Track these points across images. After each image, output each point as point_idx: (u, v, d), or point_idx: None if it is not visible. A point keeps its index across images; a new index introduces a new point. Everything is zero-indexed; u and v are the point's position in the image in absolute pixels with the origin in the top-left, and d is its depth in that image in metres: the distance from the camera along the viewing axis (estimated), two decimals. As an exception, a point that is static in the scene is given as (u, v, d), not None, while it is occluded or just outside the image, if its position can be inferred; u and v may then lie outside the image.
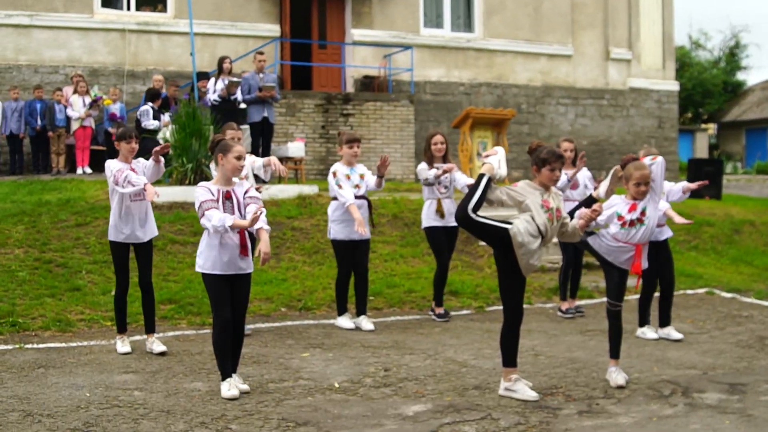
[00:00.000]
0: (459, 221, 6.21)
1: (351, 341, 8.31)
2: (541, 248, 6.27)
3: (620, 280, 6.78)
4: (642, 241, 6.66)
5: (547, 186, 6.31)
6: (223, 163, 6.39)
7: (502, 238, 6.15)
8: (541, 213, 6.19)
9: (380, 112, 19.52)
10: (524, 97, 22.40)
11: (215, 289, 6.44)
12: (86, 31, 19.17)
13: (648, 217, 6.65)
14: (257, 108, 14.13)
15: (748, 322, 9.34)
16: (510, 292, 6.37)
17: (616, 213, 6.69)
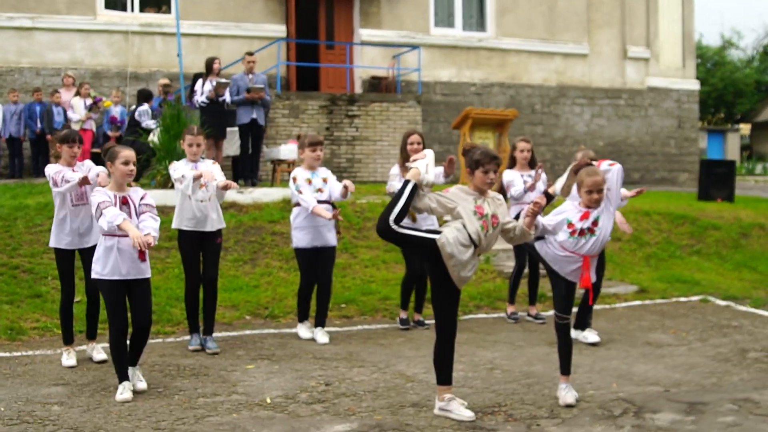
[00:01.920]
0: (380, 233, 5.78)
1: (303, 352, 7.90)
2: (476, 258, 5.82)
3: (567, 292, 6.30)
4: (591, 253, 6.17)
5: (482, 190, 5.86)
6: (113, 171, 6.48)
7: (431, 249, 5.71)
8: (474, 220, 5.74)
9: (386, 113, 19.12)
10: (538, 97, 21.86)
11: (112, 296, 6.42)
12: (89, 33, 19.01)
13: (600, 228, 6.16)
14: (246, 109, 13.78)
15: (735, 333, 8.79)
16: (443, 305, 5.92)
17: (566, 220, 6.21)
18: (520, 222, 5.97)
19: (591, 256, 6.19)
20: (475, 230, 5.72)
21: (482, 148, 5.91)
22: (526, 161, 9.35)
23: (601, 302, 10.38)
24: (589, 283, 6.18)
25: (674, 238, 13.16)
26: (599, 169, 6.17)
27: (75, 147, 7.39)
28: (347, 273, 10.78)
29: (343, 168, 18.55)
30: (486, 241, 5.79)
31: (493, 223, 5.81)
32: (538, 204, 5.86)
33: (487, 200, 5.85)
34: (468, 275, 5.80)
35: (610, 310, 10.13)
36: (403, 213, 5.70)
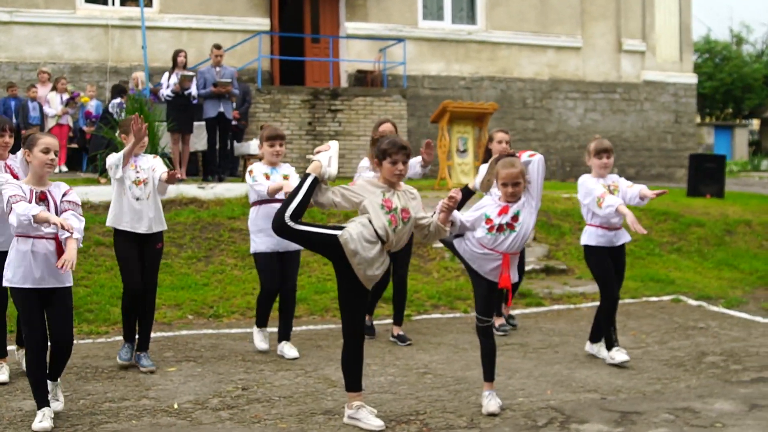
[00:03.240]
0: (276, 231, 5.34)
1: (234, 353, 7.49)
2: (384, 255, 5.38)
3: (488, 292, 5.85)
4: (511, 250, 5.72)
5: (392, 182, 5.42)
6: (30, 159, 5.61)
7: (334, 246, 5.28)
8: (381, 214, 5.31)
9: (370, 107, 18.69)
10: (530, 91, 21.37)
11: (25, 307, 5.57)
12: (68, 27, 18.67)
13: (520, 223, 5.71)
14: (213, 103, 13.37)
15: (699, 335, 8.30)
16: (349, 306, 5.48)
17: (484, 215, 5.75)
18: (435, 217, 5.53)
19: (511, 254, 5.74)
20: (382, 225, 5.28)
21: (391, 137, 5.48)
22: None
23: (566, 302, 9.94)
24: (509, 282, 5.73)
25: (654, 236, 12.66)
26: (517, 161, 5.72)
27: (6, 136, 6.78)
28: (304, 271, 10.33)
29: (326, 164, 18.08)
30: (395, 237, 5.36)
31: (404, 217, 5.37)
32: (452, 198, 5.42)
33: (397, 193, 5.42)
34: (376, 273, 5.37)
35: (574, 310, 9.66)
36: (301, 208, 5.26)
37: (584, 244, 7.11)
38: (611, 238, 6.99)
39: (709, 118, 41.72)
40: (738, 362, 7.20)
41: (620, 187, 7.05)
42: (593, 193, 6.84)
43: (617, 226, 6.97)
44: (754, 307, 9.90)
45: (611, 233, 6.97)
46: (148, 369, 6.87)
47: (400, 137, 5.54)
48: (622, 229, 7.04)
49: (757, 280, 11.36)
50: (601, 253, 6.99)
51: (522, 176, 5.65)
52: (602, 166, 7.01)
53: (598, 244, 6.99)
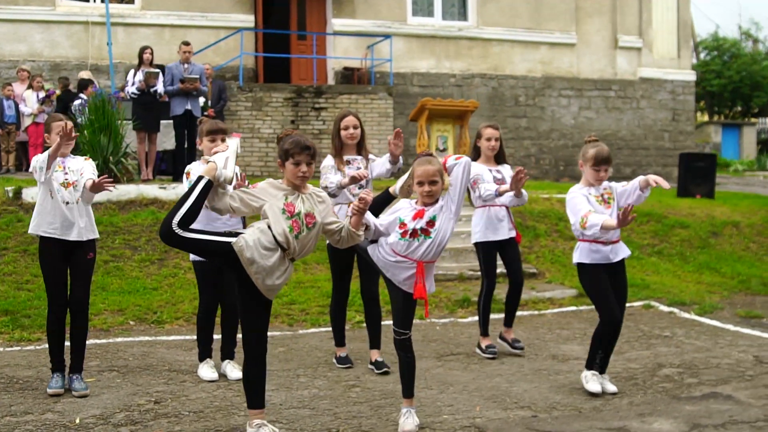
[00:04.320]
0: (163, 239, 4.85)
1: (162, 363, 7.09)
2: (286, 263, 4.95)
3: (405, 304, 5.39)
4: (426, 258, 5.27)
5: (296, 185, 4.98)
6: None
7: (229, 255, 4.85)
8: (282, 220, 4.88)
9: (355, 105, 18.20)
10: (522, 89, 20.87)
11: None
12: (48, 24, 18.31)
13: (437, 229, 5.25)
14: (180, 100, 12.96)
15: (662, 345, 7.83)
16: (251, 319, 5.05)
17: (398, 219, 5.31)
18: (346, 222, 5.10)
19: (426, 262, 5.29)
20: (282, 231, 4.85)
21: (295, 136, 5.02)
22: (493, 153, 7.48)
23: (531, 308, 9.49)
24: (424, 293, 5.28)
25: (635, 238, 12.18)
26: (435, 159, 5.28)
27: None
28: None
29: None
30: (298, 244, 4.92)
31: (308, 223, 4.93)
32: (363, 200, 4.99)
33: (302, 196, 4.98)
34: (277, 283, 4.94)
35: (538, 316, 9.21)
36: (191, 215, 4.81)
37: (577, 262, 6.18)
38: (607, 253, 6.07)
39: (717, 117, 40.99)
40: (694, 375, 6.73)
41: (614, 193, 6.14)
42: (578, 214, 5.95)
43: (613, 239, 6.06)
44: (728, 313, 9.42)
45: (607, 248, 6.06)
46: (80, 393, 6.18)
47: (305, 136, 5.08)
48: (619, 243, 6.15)
49: (738, 284, 10.88)
50: (596, 271, 6.08)
51: (439, 175, 5.22)
52: (598, 178, 6.06)
53: (593, 262, 6.07)
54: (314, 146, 4.99)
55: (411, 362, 5.44)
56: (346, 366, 6.92)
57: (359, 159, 6.97)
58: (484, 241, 7.41)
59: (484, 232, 7.38)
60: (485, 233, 7.38)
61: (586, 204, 5.99)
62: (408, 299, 5.35)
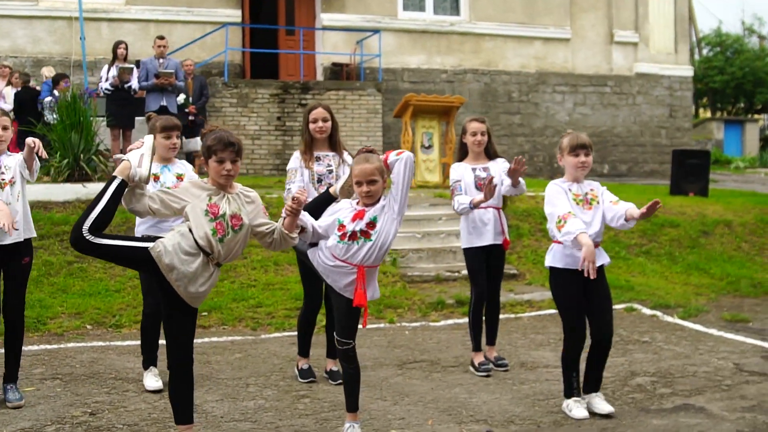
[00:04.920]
0: (73, 246, 4.46)
1: (109, 370, 6.74)
2: (211, 269, 4.58)
3: (348, 312, 5.03)
4: (367, 263, 4.90)
5: (221, 184, 4.62)
6: None
7: (147, 261, 4.48)
8: (204, 222, 4.51)
9: (343, 101, 17.86)
10: (516, 84, 20.47)
11: None
12: (30, 20, 18.00)
13: (377, 231, 4.88)
14: (155, 96, 12.62)
15: (639, 351, 7.45)
16: (174, 328, 4.69)
17: (337, 221, 4.95)
18: (279, 224, 4.74)
19: (367, 267, 4.92)
20: (204, 235, 4.49)
21: (218, 131, 4.64)
22: (480, 149, 6.82)
23: (508, 311, 9.11)
24: (364, 300, 4.91)
25: (623, 237, 11.79)
26: (374, 156, 4.91)
27: None
28: (228, 276, 9.58)
29: (297, 161, 17.32)
30: (223, 248, 4.55)
31: (234, 225, 4.56)
32: (296, 200, 4.63)
33: (228, 197, 4.62)
34: (201, 290, 4.57)
35: (514, 320, 8.83)
36: (103, 219, 4.42)
37: (549, 265, 5.62)
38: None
39: (719, 113, 40.52)
40: (668, 385, 6.36)
41: (601, 200, 5.54)
42: (556, 211, 5.40)
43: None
44: (713, 317, 9.03)
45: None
46: (14, 405, 5.80)
47: (230, 132, 4.70)
48: (599, 248, 5.50)
49: (727, 285, 10.49)
50: (569, 278, 5.46)
51: (379, 173, 4.85)
52: (578, 165, 5.49)
53: (566, 266, 5.46)
54: (239, 142, 4.62)
55: (355, 374, 5.08)
56: (308, 380, 6.42)
57: (331, 155, 6.50)
58: (468, 247, 6.85)
59: (468, 238, 6.83)
60: (469, 238, 6.82)
61: (565, 202, 5.45)
62: (351, 307, 4.98)
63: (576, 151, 5.52)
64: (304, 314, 6.52)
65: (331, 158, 6.50)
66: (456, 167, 6.89)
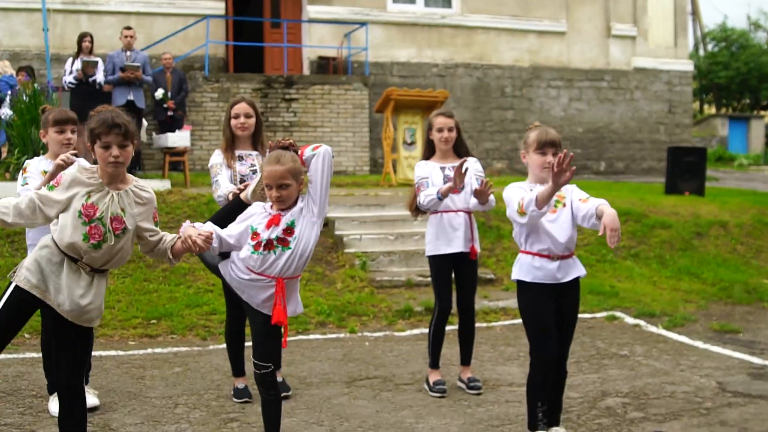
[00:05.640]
0: None
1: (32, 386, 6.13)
2: (89, 277, 4.00)
3: (268, 330, 4.42)
4: (285, 274, 4.32)
5: (111, 175, 4.03)
6: None
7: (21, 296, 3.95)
8: (76, 225, 3.93)
9: (328, 96, 17.32)
10: (509, 79, 19.86)
11: None
12: (7, 12, 17.45)
13: (296, 238, 4.28)
14: (122, 90, 12.08)
15: (615, 366, 6.84)
16: (58, 350, 4.12)
17: (250, 228, 4.35)
18: (168, 241, 4.15)
19: (287, 279, 4.33)
20: (69, 243, 3.91)
21: (104, 112, 4.02)
22: (448, 146, 6.15)
23: (481, 319, 8.50)
24: (284, 316, 4.32)
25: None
26: (287, 155, 4.30)
27: None
28: (185, 281, 9.01)
29: (280, 157, 16.74)
30: (100, 254, 3.95)
31: (115, 229, 3.97)
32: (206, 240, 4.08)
33: (112, 194, 4.02)
34: (82, 303, 3.97)
35: (486, 329, 8.22)
36: None
37: (515, 278, 4.92)
38: (553, 271, 4.74)
39: (724, 109, 39.78)
40: (641, 407, 5.74)
41: (569, 200, 4.81)
42: (513, 202, 4.68)
43: (564, 253, 4.75)
44: (701, 326, 8.42)
45: (553, 265, 4.74)
46: None
47: (119, 112, 4.07)
48: (572, 259, 4.82)
49: (719, 291, 9.86)
50: (538, 292, 4.79)
51: (292, 175, 4.25)
52: (544, 165, 4.74)
53: (535, 280, 4.78)
54: (127, 124, 3.99)
55: (273, 403, 4.48)
56: (242, 400, 5.80)
57: (254, 155, 5.92)
58: (435, 255, 6.15)
59: (434, 243, 6.12)
60: (436, 245, 6.11)
61: (521, 191, 4.73)
62: (270, 325, 4.38)
63: (543, 149, 4.77)
64: (228, 329, 5.89)
65: (254, 158, 5.91)
66: (422, 165, 6.20)
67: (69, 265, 3.94)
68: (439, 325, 6.19)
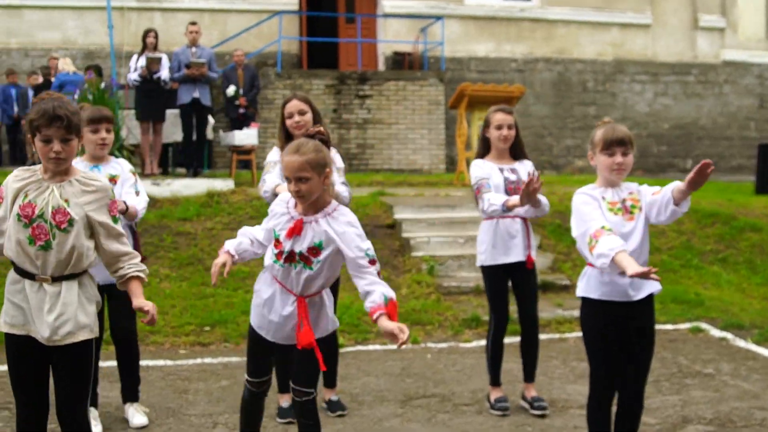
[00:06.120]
0: None
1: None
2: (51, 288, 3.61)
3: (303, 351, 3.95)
4: (307, 292, 3.92)
5: (52, 171, 3.62)
6: None
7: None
8: (20, 228, 3.57)
9: (403, 92, 16.92)
10: (591, 73, 19.13)
11: None
12: (81, 11, 17.51)
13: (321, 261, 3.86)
14: (187, 88, 11.82)
15: (698, 387, 6.24)
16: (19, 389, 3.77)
17: (274, 233, 3.95)
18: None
19: (309, 296, 3.91)
20: (15, 250, 3.58)
21: (46, 101, 3.56)
22: (506, 146, 5.65)
23: (553, 329, 7.98)
24: (311, 337, 3.89)
25: (696, 243, 10.49)
26: (308, 144, 3.82)
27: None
28: (243, 285, 8.68)
29: (352, 155, 16.45)
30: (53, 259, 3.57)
31: (59, 223, 3.54)
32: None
33: (53, 187, 3.60)
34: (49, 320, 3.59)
35: (557, 341, 7.68)
36: None
37: (581, 295, 4.34)
38: (625, 287, 4.16)
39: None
40: (726, 436, 5.17)
41: (642, 200, 4.26)
42: (587, 230, 4.09)
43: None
44: (795, 341, 7.73)
45: (625, 281, 4.11)
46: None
47: (63, 101, 3.59)
48: None
49: (816, 301, 9.12)
50: (606, 313, 4.20)
51: (312, 168, 3.77)
52: (613, 167, 4.20)
53: (602, 298, 4.20)
54: (69, 115, 3.53)
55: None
56: (286, 420, 5.39)
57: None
58: (490, 266, 5.68)
59: (490, 253, 5.63)
60: (492, 254, 5.63)
61: (597, 216, 4.13)
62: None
63: (611, 149, 4.21)
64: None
65: None
66: (479, 164, 5.69)
67: (30, 285, 3.59)
68: (496, 339, 5.75)
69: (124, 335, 5.41)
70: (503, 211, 5.41)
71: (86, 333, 3.67)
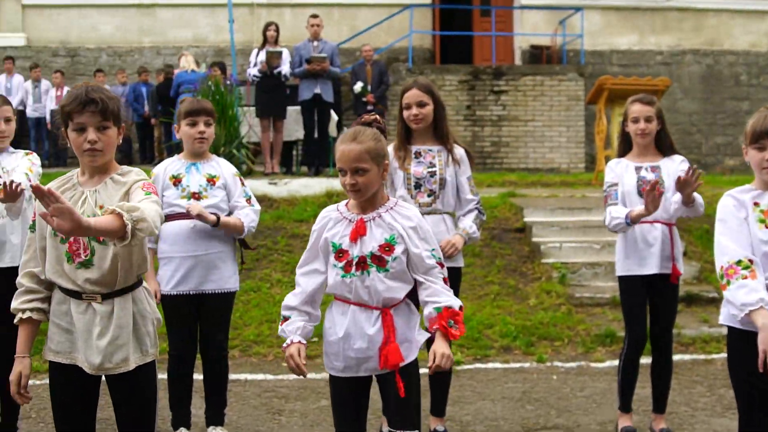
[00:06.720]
0: None
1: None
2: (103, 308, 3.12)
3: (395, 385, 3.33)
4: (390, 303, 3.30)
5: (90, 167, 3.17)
6: None
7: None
8: (57, 244, 3.11)
9: (540, 88, 16.07)
10: (744, 66, 17.78)
11: None
12: (213, 8, 17.46)
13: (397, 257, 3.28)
14: (308, 83, 11.39)
15: None
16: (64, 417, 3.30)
17: (332, 245, 3.33)
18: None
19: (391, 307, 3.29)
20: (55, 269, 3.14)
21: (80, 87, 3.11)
22: (648, 140, 4.95)
23: (698, 349, 7.11)
24: (398, 357, 3.25)
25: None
26: (366, 132, 3.27)
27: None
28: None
29: (487, 153, 15.75)
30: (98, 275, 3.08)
31: None
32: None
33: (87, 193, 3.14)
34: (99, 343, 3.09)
35: (703, 363, 6.80)
36: None
37: (724, 323, 3.56)
38: None
39: None
40: None
41: None
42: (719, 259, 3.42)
43: None
44: None
45: None
46: None
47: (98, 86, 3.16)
48: None
49: None
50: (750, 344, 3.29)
51: (371, 157, 3.22)
52: (763, 165, 3.44)
53: (747, 328, 3.36)
54: (106, 100, 3.05)
55: None
56: None
57: (435, 150, 4.83)
58: (625, 276, 4.97)
59: (624, 263, 4.95)
60: (626, 264, 4.94)
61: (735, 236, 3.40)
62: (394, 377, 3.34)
63: (761, 142, 3.42)
64: None
65: (435, 154, 4.83)
66: (613, 166, 5.02)
67: (76, 306, 3.09)
68: (629, 359, 5.04)
69: (215, 353, 4.90)
70: (627, 224, 4.73)
71: (144, 358, 3.21)
